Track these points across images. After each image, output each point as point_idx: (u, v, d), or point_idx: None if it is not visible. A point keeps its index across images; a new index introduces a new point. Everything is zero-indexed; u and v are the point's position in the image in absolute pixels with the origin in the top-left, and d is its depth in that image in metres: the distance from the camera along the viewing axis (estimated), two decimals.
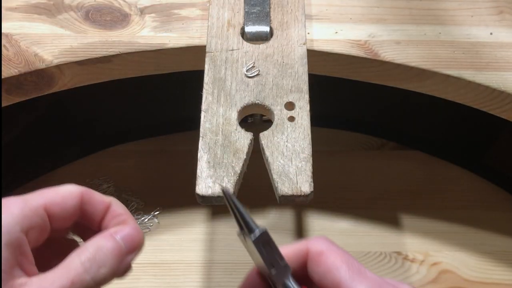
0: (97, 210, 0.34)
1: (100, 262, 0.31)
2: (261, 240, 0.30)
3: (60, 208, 0.33)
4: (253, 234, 0.30)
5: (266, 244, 0.30)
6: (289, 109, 0.43)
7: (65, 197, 0.33)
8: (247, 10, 0.50)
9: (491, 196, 0.64)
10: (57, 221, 0.33)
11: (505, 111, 0.50)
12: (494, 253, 0.60)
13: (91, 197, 0.34)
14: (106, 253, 0.32)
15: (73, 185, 0.34)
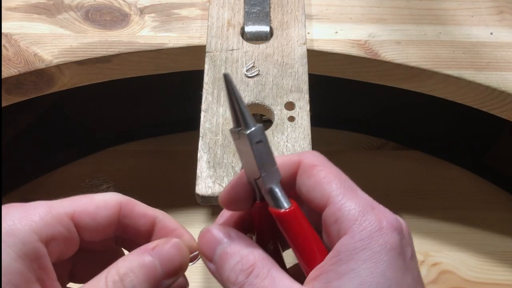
0: (140, 224, 0.31)
1: (129, 286, 0.27)
2: (256, 136, 0.28)
3: (91, 218, 0.29)
4: (249, 129, 0.28)
5: (260, 143, 0.28)
6: (289, 109, 0.43)
7: (99, 206, 0.30)
8: (247, 10, 0.50)
9: (492, 196, 0.64)
10: (88, 232, 0.30)
11: (505, 111, 0.50)
12: (494, 253, 0.59)
13: (133, 209, 0.31)
14: (136, 275, 0.27)
15: (113, 193, 0.31)
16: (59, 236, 0.28)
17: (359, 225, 0.27)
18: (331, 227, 0.28)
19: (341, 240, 0.27)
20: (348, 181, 0.29)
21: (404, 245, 0.27)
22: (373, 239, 0.26)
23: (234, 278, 0.28)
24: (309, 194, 0.29)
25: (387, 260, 0.26)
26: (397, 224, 0.28)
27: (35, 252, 0.27)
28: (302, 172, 0.30)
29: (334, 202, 0.28)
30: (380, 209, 0.28)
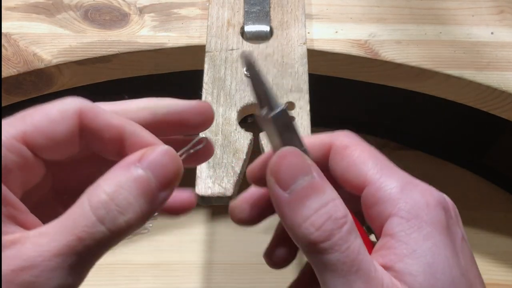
0: (105, 138, 0.25)
1: (120, 207, 0.22)
2: (281, 118, 0.26)
3: (46, 137, 0.24)
4: (273, 112, 0.26)
5: (286, 125, 0.26)
6: (289, 109, 0.43)
7: (54, 120, 0.24)
8: (247, 9, 0.50)
9: (492, 197, 0.64)
10: (47, 153, 0.25)
11: (505, 111, 0.50)
12: (495, 253, 0.59)
13: (95, 118, 0.25)
14: (129, 190, 0.23)
15: (72, 99, 0.25)
16: (12, 165, 0.24)
17: (405, 204, 0.25)
18: (373, 208, 0.26)
19: (390, 221, 0.25)
20: (384, 159, 0.27)
21: (452, 224, 0.26)
22: (423, 218, 0.25)
23: (319, 222, 0.24)
24: (344, 176, 0.27)
25: (443, 240, 0.25)
26: (443, 201, 0.26)
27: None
28: (334, 154, 0.28)
29: (373, 182, 0.26)
30: (423, 186, 0.27)
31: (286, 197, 0.25)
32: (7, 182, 0.23)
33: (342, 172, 0.27)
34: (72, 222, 0.22)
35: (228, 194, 0.38)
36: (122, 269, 0.57)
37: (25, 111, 0.25)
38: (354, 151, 0.27)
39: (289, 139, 0.26)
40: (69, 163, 0.27)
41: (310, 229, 0.24)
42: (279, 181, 0.25)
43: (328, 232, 0.24)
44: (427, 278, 0.24)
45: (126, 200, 0.23)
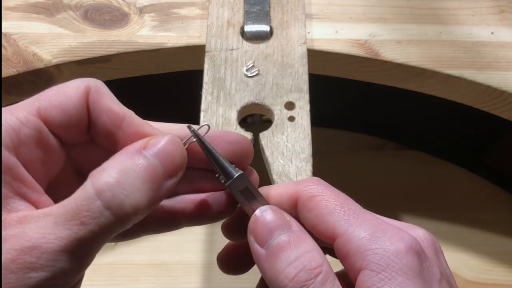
0: (102, 121, 0.25)
1: (127, 190, 0.22)
2: (238, 184, 0.27)
3: (60, 111, 0.24)
4: (229, 180, 0.27)
5: (246, 190, 0.27)
6: (289, 109, 0.43)
7: (68, 95, 0.25)
8: (247, 9, 0.50)
9: (492, 197, 0.64)
10: (62, 129, 0.25)
11: (506, 111, 0.49)
12: (495, 254, 0.59)
13: (99, 100, 0.25)
14: (135, 177, 0.23)
15: (83, 79, 0.26)
16: (27, 139, 0.24)
17: (375, 255, 0.24)
18: (345, 261, 0.25)
19: (362, 275, 0.24)
20: (351, 206, 0.27)
21: (427, 267, 0.25)
22: (394, 268, 0.24)
23: (293, 273, 0.24)
24: (314, 228, 0.26)
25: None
26: (414, 245, 0.25)
27: (5, 164, 0.23)
28: (301, 207, 0.27)
29: (341, 234, 0.25)
30: (392, 231, 0.25)
31: (264, 253, 0.26)
32: (23, 159, 0.23)
33: (312, 224, 0.27)
34: (75, 206, 0.22)
35: None
36: (122, 269, 0.57)
37: (44, 91, 0.25)
38: (320, 202, 0.27)
39: (249, 203, 0.27)
40: (84, 145, 0.27)
41: (284, 281, 0.25)
42: (257, 238, 0.26)
43: (301, 283, 0.24)
44: None
45: (133, 184, 0.23)
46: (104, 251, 0.56)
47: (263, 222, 0.26)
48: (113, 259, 0.57)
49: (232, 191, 0.27)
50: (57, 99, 0.25)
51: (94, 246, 0.23)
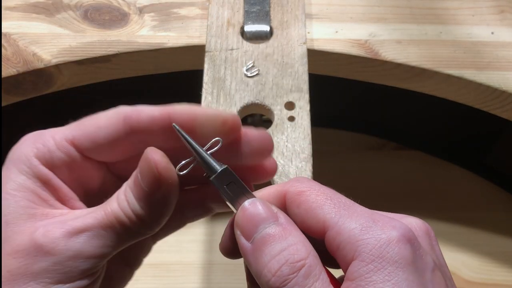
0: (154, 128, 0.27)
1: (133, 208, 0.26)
2: (222, 178, 0.27)
3: (90, 141, 0.28)
4: (213, 174, 0.27)
5: (231, 183, 0.27)
6: (289, 109, 0.43)
7: (100, 126, 0.28)
8: (247, 9, 0.50)
9: (492, 197, 0.64)
10: (94, 154, 0.28)
11: (506, 111, 0.49)
12: (495, 254, 0.59)
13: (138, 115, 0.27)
14: (135, 194, 0.27)
15: (119, 108, 0.28)
16: (59, 162, 0.28)
17: (365, 246, 0.24)
18: (336, 253, 0.25)
19: (352, 266, 0.24)
20: (341, 199, 0.26)
21: (420, 255, 0.25)
22: (385, 257, 0.24)
23: (275, 267, 0.24)
24: (304, 223, 0.26)
25: (406, 278, 0.24)
26: (406, 233, 0.25)
27: (42, 175, 0.27)
28: (290, 203, 0.27)
29: (331, 226, 0.25)
30: (384, 220, 0.25)
31: (249, 247, 0.26)
32: (57, 174, 0.28)
33: (301, 218, 0.26)
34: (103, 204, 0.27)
35: None
36: None
37: (84, 118, 0.29)
38: (309, 196, 0.26)
39: (236, 198, 0.27)
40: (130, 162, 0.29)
41: (268, 275, 0.25)
42: (243, 232, 0.26)
43: (284, 277, 0.24)
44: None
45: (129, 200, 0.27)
46: None
47: (249, 215, 0.26)
48: None
49: (216, 186, 0.27)
50: (90, 129, 0.28)
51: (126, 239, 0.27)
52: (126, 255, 0.31)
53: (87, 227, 0.26)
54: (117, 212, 0.26)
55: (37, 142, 0.28)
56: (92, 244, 0.26)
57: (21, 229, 0.26)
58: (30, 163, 0.27)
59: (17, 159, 0.27)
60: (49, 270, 0.25)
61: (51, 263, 0.25)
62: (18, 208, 0.26)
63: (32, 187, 0.27)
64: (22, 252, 0.25)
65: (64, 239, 0.26)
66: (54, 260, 0.25)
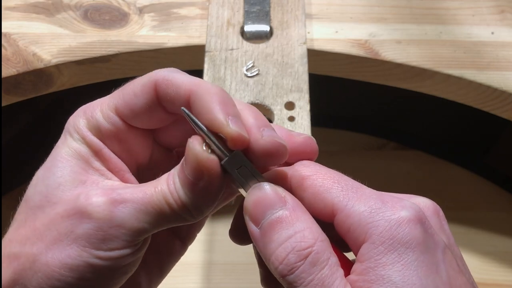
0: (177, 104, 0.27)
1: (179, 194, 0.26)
2: (235, 162, 0.26)
3: (129, 109, 0.28)
4: (224, 159, 0.26)
5: (243, 167, 0.26)
6: (289, 109, 0.43)
7: (136, 93, 0.28)
8: (247, 9, 0.50)
9: (493, 197, 0.64)
10: (135, 122, 0.28)
11: (506, 111, 0.49)
12: (495, 254, 0.59)
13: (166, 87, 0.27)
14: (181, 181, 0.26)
15: (152, 73, 0.28)
16: (107, 132, 0.28)
17: (376, 228, 0.24)
18: (346, 236, 0.25)
19: (362, 248, 0.24)
20: (348, 181, 0.26)
21: (431, 235, 0.25)
22: (395, 238, 0.24)
23: (283, 255, 0.24)
24: (311, 207, 0.26)
25: (416, 258, 0.23)
26: (416, 213, 0.24)
27: (93, 145, 0.28)
28: (296, 187, 0.27)
29: (340, 209, 0.25)
30: (393, 201, 0.25)
31: (258, 233, 0.26)
32: (108, 146, 0.28)
33: (308, 203, 0.26)
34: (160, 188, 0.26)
35: None
36: None
37: (125, 85, 0.29)
38: (316, 180, 0.26)
39: (247, 179, 0.27)
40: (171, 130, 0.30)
41: (275, 262, 0.25)
42: (251, 217, 0.26)
43: (291, 265, 0.24)
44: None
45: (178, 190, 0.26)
46: None
47: (257, 201, 0.26)
48: None
49: (228, 169, 0.26)
50: (129, 98, 0.28)
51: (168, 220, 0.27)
52: (178, 229, 0.31)
53: (134, 200, 0.26)
54: (166, 192, 0.26)
55: (86, 113, 0.28)
56: (136, 217, 0.26)
57: (72, 193, 0.26)
58: (82, 133, 0.28)
59: (71, 130, 0.28)
60: (90, 234, 0.25)
61: (93, 228, 0.25)
62: (70, 173, 0.27)
63: (85, 155, 0.28)
64: (69, 214, 0.26)
65: (109, 206, 0.26)
66: (96, 225, 0.25)
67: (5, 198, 0.62)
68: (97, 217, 0.26)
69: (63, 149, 0.28)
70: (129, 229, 0.26)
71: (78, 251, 0.26)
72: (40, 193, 0.27)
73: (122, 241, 0.26)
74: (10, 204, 0.60)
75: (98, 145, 0.28)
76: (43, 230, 0.26)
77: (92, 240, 0.26)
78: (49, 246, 0.26)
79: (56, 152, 0.28)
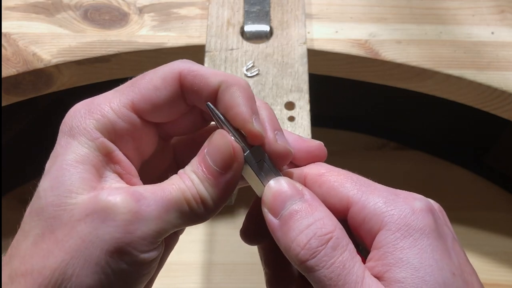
0: (204, 95, 0.27)
1: (195, 183, 0.26)
2: (255, 156, 0.28)
3: (149, 103, 0.27)
4: (246, 152, 0.27)
5: (261, 162, 0.28)
6: (289, 109, 0.43)
7: (157, 87, 0.27)
8: (247, 9, 0.50)
9: (492, 197, 0.64)
10: (154, 117, 0.27)
11: (506, 111, 0.49)
12: (495, 254, 0.59)
13: (193, 81, 0.27)
14: (196, 173, 0.26)
15: (174, 63, 0.27)
16: (123, 132, 0.27)
17: (391, 216, 0.26)
18: (361, 227, 0.26)
19: (378, 235, 0.25)
20: (360, 178, 0.28)
21: (440, 225, 0.26)
22: (410, 225, 0.25)
23: (304, 241, 0.25)
24: (326, 201, 0.27)
25: (431, 243, 0.25)
26: (428, 205, 0.26)
27: (104, 147, 0.26)
28: (311, 184, 0.28)
29: (355, 202, 0.27)
30: (405, 194, 0.27)
31: (277, 223, 0.27)
32: (120, 147, 0.27)
33: (323, 198, 0.27)
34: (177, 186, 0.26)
35: None
36: None
37: (134, 78, 0.28)
38: (330, 176, 0.28)
39: (266, 175, 0.28)
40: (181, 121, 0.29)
41: (297, 249, 0.26)
42: (270, 209, 0.27)
43: (313, 250, 0.25)
44: (415, 282, 0.24)
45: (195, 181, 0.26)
46: None
47: (276, 193, 0.27)
48: None
49: (248, 162, 0.28)
50: (148, 92, 0.27)
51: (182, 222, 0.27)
52: None
53: (156, 198, 0.26)
54: (184, 189, 0.26)
55: (94, 113, 0.27)
56: (159, 215, 0.25)
57: (87, 196, 0.25)
58: (91, 136, 0.26)
59: (75, 132, 0.26)
60: (116, 238, 0.25)
61: (118, 229, 0.25)
62: (80, 180, 0.25)
63: (94, 161, 0.26)
64: (90, 215, 0.25)
65: (133, 203, 0.25)
66: (121, 225, 0.25)
67: (5, 198, 0.62)
68: (122, 215, 0.25)
69: (69, 155, 0.26)
70: (154, 229, 0.25)
71: (105, 259, 0.25)
72: (52, 204, 0.25)
73: (147, 243, 0.25)
74: (10, 204, 0.60)
75: (110, 148, 0.27)
76: (65, 240, 0.25)
77: (118, 245, 0.25)
78: (74, 256, 0.25)
79: (61, 160, 0.26)
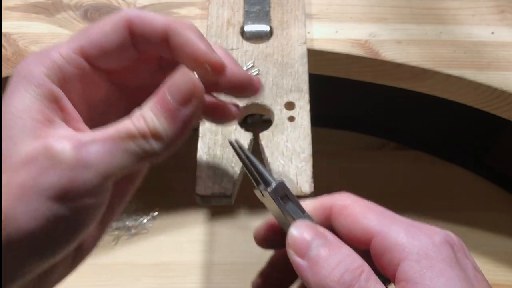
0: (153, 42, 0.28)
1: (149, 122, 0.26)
2: (278, 191, 0.29)
3: (98, 49, 0.27)
4: (270, 187, 0.29)
5: (285, 197, 0.30)
6: (289, 109, 0.43)
7: (106, 32, 0.27)
8: (247, 9, 0.50)
9: (493, 197, 0.64)
10: (102, 62, 0.28)
11: (506, 111, 0.49)
12: (495, 254, 0.59)
13: (141, 23, 0.27)
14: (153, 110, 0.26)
15: (122, 13, 0.28)
16: (71, 77, 0.27)
17: (413, 247, 0.26)
18: (383, 257, 0.27)
19: (402, 265, 0.26)
20: (384, 211, 0.29)
21: (461, 257, 0.27)
22: (433, 257, 0.26)
23: (337, 276, 0.26)
24: (351, 233, 0.29)
25: (457, 274, 0.26)
26: (448, 237, 0.28)
27: (51, 94, 0.26)
28: (337, 215, 0.30)
29: (378, 233, 0.28)
30: (425, 227, 0.28)
31: (305, 264, 0.28)
32: (68, 92, 0.27)
33: (348, 229, 0.29)
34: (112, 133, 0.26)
35: (228, 194, 0.38)
36: (122, 269, 0.57)
37: (86, 27, 0.28)
38: (355, 208, 0.29)
39: (291, 209, 0.30)
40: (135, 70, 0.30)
41: (331, 284, 0.26)
42: (297, 252, 0.28)
43: (347, 283, 0.26)
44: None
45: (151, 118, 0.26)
46: (104, 251, 0.56)
47: (301, 237, 0.28)
48: (113, 259, 0.57)
49: (272, 197, 0.29)
50: (97, 37, 0.27)
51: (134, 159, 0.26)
52: None
53: (97, 140, 0.25)
54: (130, 128, 0.26)
55: (44, 60, 0.27)
56: (102, 159, 0.25)
57: (30, 144, 0.25)
58: (39, 82, 0.26)
59: (24, 78, 0.27)
60: (58, 183, 0.25)
61: (61, 175, 0.25)
62: (24, 129, 0.26)
63: (39, 108, 0.26)
64: (31, 162, 0.25)
65: (75, 148, 0.25)
66: (63, 171, 0.25)
67: None
68: (64, 161, 0.25)
69: (15, 102, 0.26)
70: (98, 174, 0.25)
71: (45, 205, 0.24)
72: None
73: (89, 187, 0.25)
74: None
75: (57, 93, 0.27)
76: (7, 186, 0.25)
77: (61, 192, 0.25)
78: (14, 201, 0.24)
79: (6, 109, 0.26)
